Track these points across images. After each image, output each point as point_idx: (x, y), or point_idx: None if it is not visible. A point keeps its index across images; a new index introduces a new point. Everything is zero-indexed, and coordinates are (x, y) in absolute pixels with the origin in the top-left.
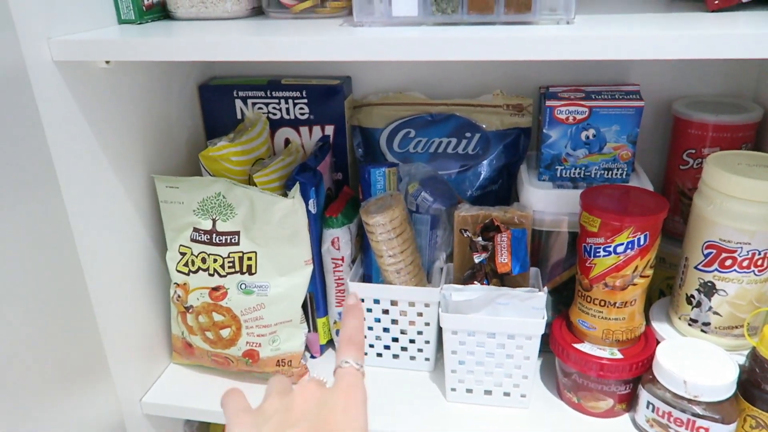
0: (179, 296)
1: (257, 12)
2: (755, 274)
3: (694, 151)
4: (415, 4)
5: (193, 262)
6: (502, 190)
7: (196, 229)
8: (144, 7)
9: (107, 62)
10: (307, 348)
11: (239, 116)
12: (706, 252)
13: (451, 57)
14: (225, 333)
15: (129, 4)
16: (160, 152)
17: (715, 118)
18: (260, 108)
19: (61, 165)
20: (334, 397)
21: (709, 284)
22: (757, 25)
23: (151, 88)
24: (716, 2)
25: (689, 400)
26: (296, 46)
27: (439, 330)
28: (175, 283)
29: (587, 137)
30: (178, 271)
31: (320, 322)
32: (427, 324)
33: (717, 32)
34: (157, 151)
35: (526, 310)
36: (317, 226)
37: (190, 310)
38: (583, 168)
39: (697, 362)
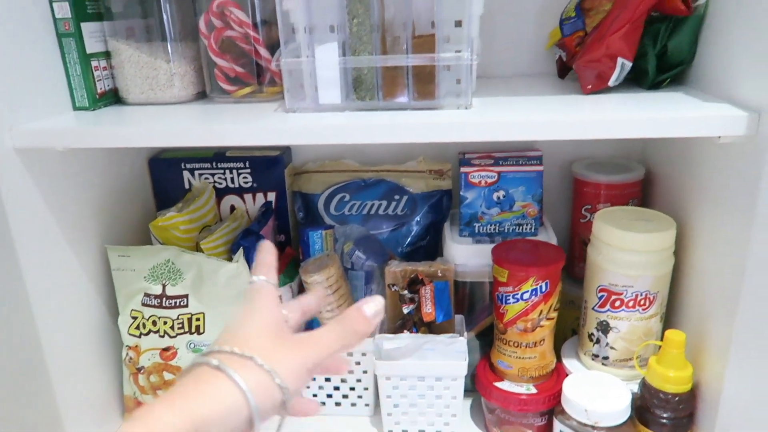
0: (131, 358)
1: (202, 96)
2: (640, 313)
3: (590, 207)
4: (338, 94)
5: (144, 325)
6: (430, 245)
7: (147, 294)
8: (97, 95)
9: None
10: None
11: (187, 186)
12: (599, 295)
13: (369, 141)
14: None
15: (83, 92)
16: (113, 224)
17: (606, 178)
18: (207, 178)
19: (20, 240)
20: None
21: (604, 323)
22: (623, 109)
23: (104, 166)
24: (589, 87)
25: (592, 427)
26: (237, 132)
27: (376, 377)
28: (127, 346)
29: (498, 198)
30: (130, 334)
31: None
32: (365, 372)
33: (591, 117)
34: (110, 222)
35: (450, 354)
36: None
37: (142, 371)
38: (498, 224)
39: (597, 392)
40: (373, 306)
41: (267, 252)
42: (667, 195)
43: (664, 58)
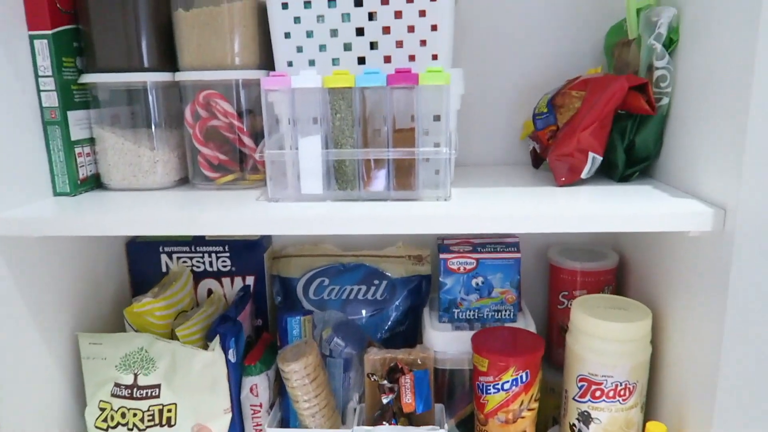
0: None
1: (184, 182)
2: (620, 403)
3: (567, 293)
4: (320, 184)
5: (112, 417)
6: (409, 330)
7: (117, 384)
8: (79, 180)
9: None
10: None
11: (165, 269)
12: (579, 384)
13: (350, 231)
14: None
15: (65, 178)
16: (87, 309)
17: (581, 266)
18: (185, 261)
19: None
20: None
21: (585, 413)
22: (596, 202)
23: (80, 250)
24: (563, 179)
25: None
26: (219, 222)
27: None
28: None
29: (477, 284)
30: (97, 428)
31: None
32: None
33: (565, 212)
34: (83, 309)
35: None
36: (237, 373)
37: None
38: (476, 310)
39: None
40: None
41: None
42: (641, 282)
43: (632, 152)
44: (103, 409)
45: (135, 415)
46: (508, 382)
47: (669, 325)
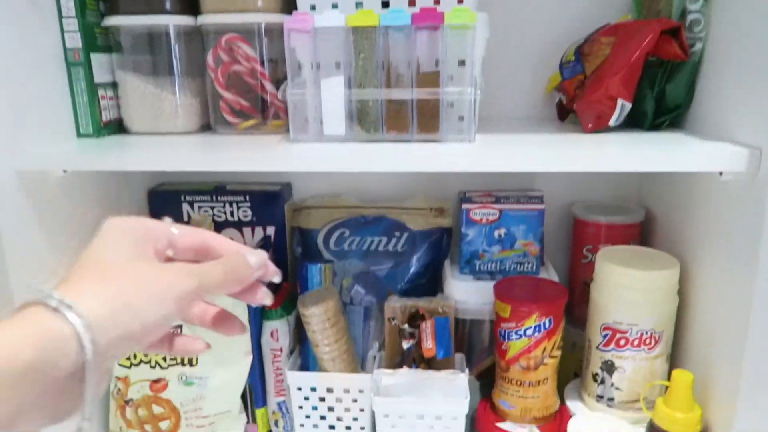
0: (119, 390)
1: (205, 128)
2: (645, 352)
3: (591, 247)
4: (342, 125)
5: (135, 356)
6: (429, 284)
7: None
8: (101, 123)
9: (64, 171)
10: None
11: (186, 219)
12: (603, 333)
13: (372, 169)
14: (164, 425)
15: (88, 120)
16: None
17: (606, 219)
18: (206, 211)
19: (12, 263)
20: None
21: (609, 363)
22: (624, 144)
23: (102, 196)
24: (590, 126)
25: None
26: (240, 159)
27: (374, 415)
28: (115, 377)
29: (499, 235)
30: (120, 365)
31: (259, 412)
32: (362, 410)
33: (593, 151)
34: None
35: (451, 391)
36: (257, 318)
37: (130, 404)
38: (498, 262)
39: None
40: (256, 256)
41: (256, 257)
42: (668, 236)
43: (662, 102)
44: None
45: (157, 353)
46: (530, 328)
47: (697, 277)
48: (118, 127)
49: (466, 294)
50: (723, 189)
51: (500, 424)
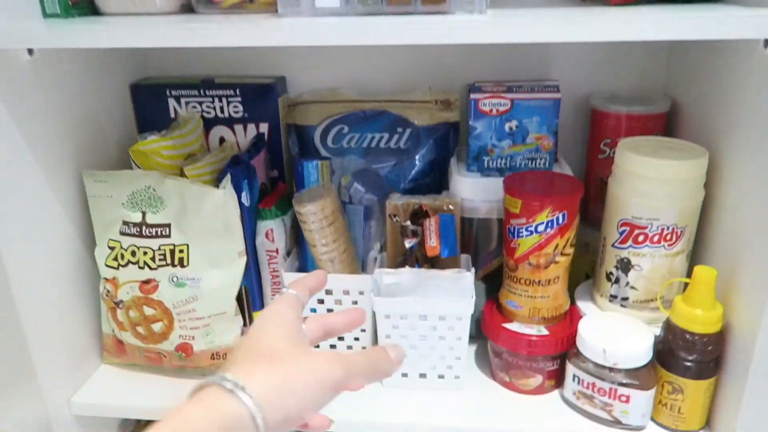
0: (108, 291)
1: (186, 9)
2: (665, 249)
3: (610, 141)
4: None
5: (122, 256)
6: (434, 183)
7: (125, 223)
8: (70, 2)
9: (30, 52)
10: None
11: (173, 116)
12: (620, 230)
13: (371, 41)
14: (157, 327)
15: None
16: (90, 150)
17: (627, 110)
18: (194, 107)
19: None
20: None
21: (625, 260)
22: (653, 14)
23: (79, 85)
24: None
25: (610, 369)
26: (223, 32)
27: (374, 317)
28: (104, 279)
29: (510, 128)
30: (107, 266)
31: (256, 315)
32: None
33: (618, 17)
34: (86, 149)
35: (456, 291)
36: (251, 219)
37: (120, 306)
38: (509, 158)
39: (615, 333)
40: (395, 351)
41: (316, 277)
42: (696, 128)
43: None
44: (112, 248)
45: (145, 253)
46: (542, 223)
47: (726, 170)
48: (89, 7)
49: (473, 192)
50: (760, 74)
51: (507, 325)
